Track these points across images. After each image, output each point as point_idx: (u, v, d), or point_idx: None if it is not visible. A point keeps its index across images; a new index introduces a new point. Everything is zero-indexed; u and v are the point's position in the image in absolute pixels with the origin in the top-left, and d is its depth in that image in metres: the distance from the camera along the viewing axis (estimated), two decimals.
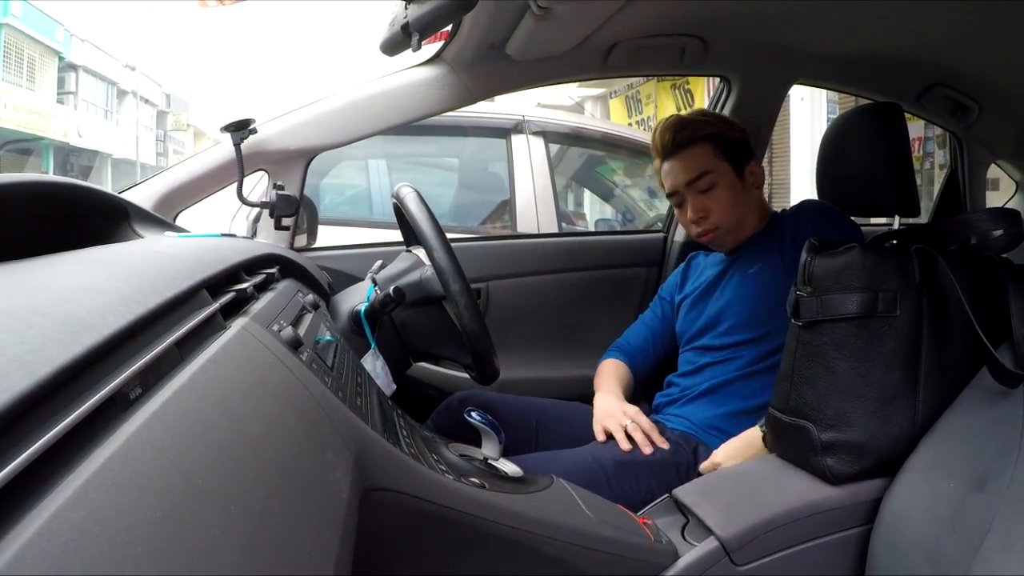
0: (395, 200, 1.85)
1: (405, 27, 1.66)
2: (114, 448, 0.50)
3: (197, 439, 0.60)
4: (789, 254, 1.92)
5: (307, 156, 2.29)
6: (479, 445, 1.37)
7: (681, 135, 2.08)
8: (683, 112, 2.45)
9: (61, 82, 29.53)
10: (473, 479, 1.17)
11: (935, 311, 1.49)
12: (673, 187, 2.11)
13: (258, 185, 2.44)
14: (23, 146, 26.61)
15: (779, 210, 2.16)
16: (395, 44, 1.77)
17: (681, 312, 2.26)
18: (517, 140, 4.19)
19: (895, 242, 1.59)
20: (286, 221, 2.22)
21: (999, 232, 1.51)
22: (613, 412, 1.97)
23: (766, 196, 2.25)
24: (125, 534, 0.44)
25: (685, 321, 2.22)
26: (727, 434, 1.89)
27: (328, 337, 1.29)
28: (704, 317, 2.14)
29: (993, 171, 3.51)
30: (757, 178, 2.12)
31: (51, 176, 1.29)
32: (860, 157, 1.68)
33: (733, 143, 2.08)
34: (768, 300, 1.92)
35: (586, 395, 2.21)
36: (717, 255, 2.24)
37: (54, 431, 0.45)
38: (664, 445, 1.87)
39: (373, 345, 1.79)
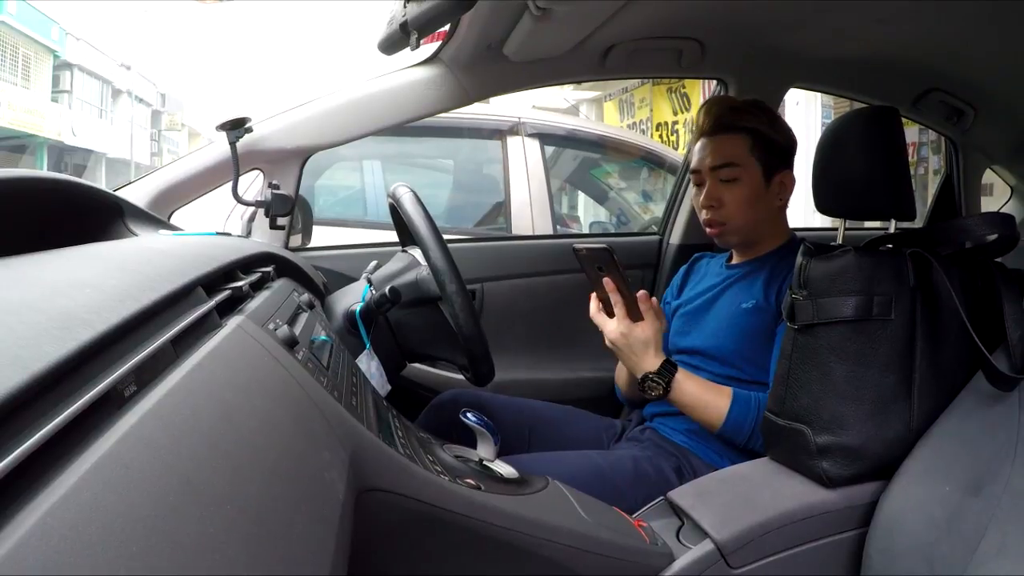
0: (391, 200, 1.85)
1: (404, 25, 1.66)
2: (108, 446, 0.49)
3: (192, 437, 0.59)
4: (778, 295, 1.92)
5: (302, 155, 2.29)
6: (470, 445, 1.37)
7: (724, 119, 2.04)
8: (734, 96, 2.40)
9: (56, 80, 29.54)
10: (468, 480, 1.17)
11: (929, 315, 1.50)
12: (698, 166, 2.08)
13: (253, 184, 2.44)
14: (17, 142, 26.62)
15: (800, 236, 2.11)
16: (393, 43, 1.77)
17: (673, 324, 2.22)
18: (513, 142, 4.19)
19: (890, 246, 1.59)
20: (281, 220, 2.22)
21: (993, 236, 1.52)
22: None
23: None
24: (119, 533, 0.44)
25: (676, 336, 2.17)
26: (719, 445, 1.88)
27: (323, 337, 1.28)
28: (690, 339, 2.11)
29: (988, 176, 3.52)
30: (785, 190, 2.06)
31: (44, 172, 1.27)
32: (856, 161, 1.68)
33: (772, 145, 2.01)
34: (756, 344, 1.91)
35: (581, 397, 2.21)
36: (719, 261, 2.21)
37: (48, 427, 0.45)
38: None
39: (368, 345, 1.79)
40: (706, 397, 1.81)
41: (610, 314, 1.83)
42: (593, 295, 1.87)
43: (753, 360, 1.91)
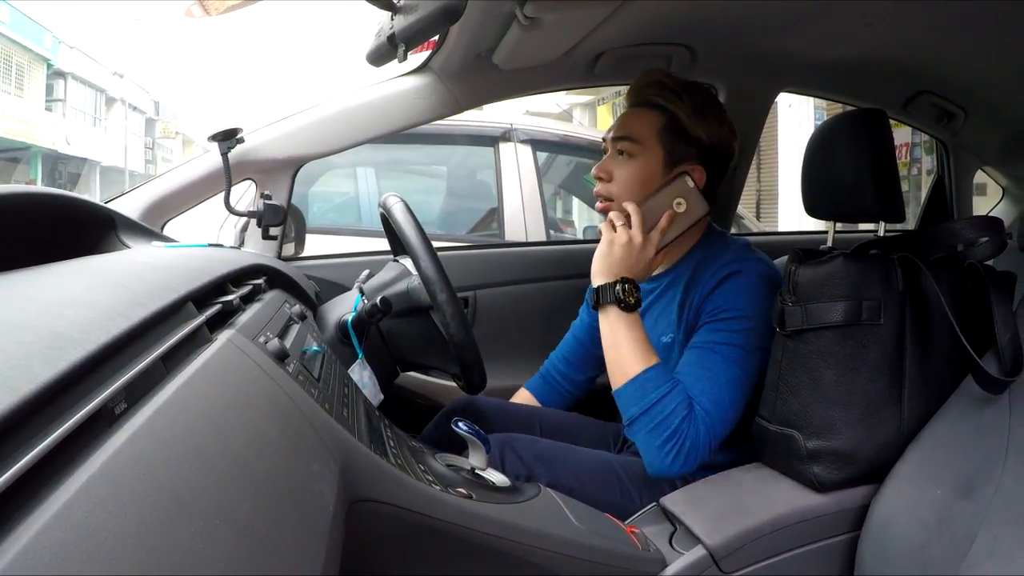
0: (382, 210, 1.85)
1: (391, 38, 1.66)
2: (99, 464, 0.50)
3: (182, 453, 0.60)
4: (689, 324, 1.80)
5: (294, 165, 2.29)
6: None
7: (645, 92, 1.90)
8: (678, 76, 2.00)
9: (49, 89, 29.53)
10: (460, 489, 1.17)
11: (919, 319, 1.51)
12: (606, 133, 1.94)
13: (246, 194, 2.44)
14: (11, 154, 26.62)
15: (730, 232, 1.97)
16: (381, 55, 1.77)
17: (593, 349, 2.13)
18: (505, 148, 4.20)
19: (879, 251, 1.60)
20: (273, 230, 2.22)
21: (984, 239, 1.53)
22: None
23: (755, 202, 2.19)
24: (110, 550, 0.45)
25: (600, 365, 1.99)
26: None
27: (315, 348, 1.29)
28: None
29: (980, 176, 3.54)
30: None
31: (38, 187, 1.28)
32: (844, 163, 1.69)
33: (686, 135, 1.84)
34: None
35: (575, 402, 2.22)
36: None
37: (39, 448, 0.46)
38: None
39: (360, 355, 1.79)
40: (644, 345, 1.68)
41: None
42: (628, 215, 1.73)
43: None
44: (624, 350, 1.67)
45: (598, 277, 1.71)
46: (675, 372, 1.69)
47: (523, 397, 2.26)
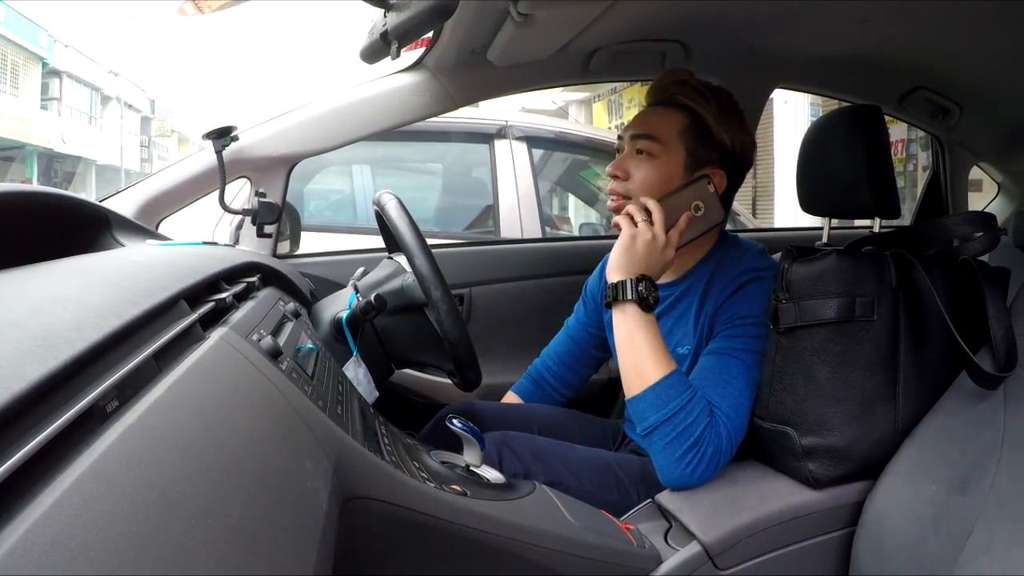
0: (376, 207, 1.85)
1: (384, 35, 1.65)
2: (90, 462, 0.50)
3: (174, 451, 0.60)
4: (705, 333, 1.74)
5: (289, 163, 2.29)
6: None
7: (668, 90, 1.84)
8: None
9: (45, 88, 29.53)
10: (454, 486, 1.17)
11: (913, 315, 1.51)
12: (621, 133, 1.87)
13: (241, 192, 2.44)
14: (6, 153, 26.62)
15: (736, 233, 1.93)
16: (374, 52, 1.76)
17: (608, 329, 1.98)
18: (500, 145, 4.19)
19: (872, 247, 1.60)
20: (268, 228, 2.22)
21: (978, 235, 1.53)
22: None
23: (751, 198, 2.18)
24: (101, 548, 0.45)
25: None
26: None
27: (309, 345, 1.29)
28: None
29: (976, 172, 3.55)
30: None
31: (33, 186, 1.28)
32: (839, 159, 1.69)
33: (710, 138, 1.78)
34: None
35: (572, 399, 2.21)
36: None
37: (29, 446, 0.46)
38: None
39: (355, 352, 1.79)
40: (663, 348, 1.61)
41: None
42: (646, 208, 1.67)
43: None
44: (643, 353, 1.60)
45: (616, 272, 1.64)
46: (691, 378, 1.62)
47: (511, 401, 2.24)
